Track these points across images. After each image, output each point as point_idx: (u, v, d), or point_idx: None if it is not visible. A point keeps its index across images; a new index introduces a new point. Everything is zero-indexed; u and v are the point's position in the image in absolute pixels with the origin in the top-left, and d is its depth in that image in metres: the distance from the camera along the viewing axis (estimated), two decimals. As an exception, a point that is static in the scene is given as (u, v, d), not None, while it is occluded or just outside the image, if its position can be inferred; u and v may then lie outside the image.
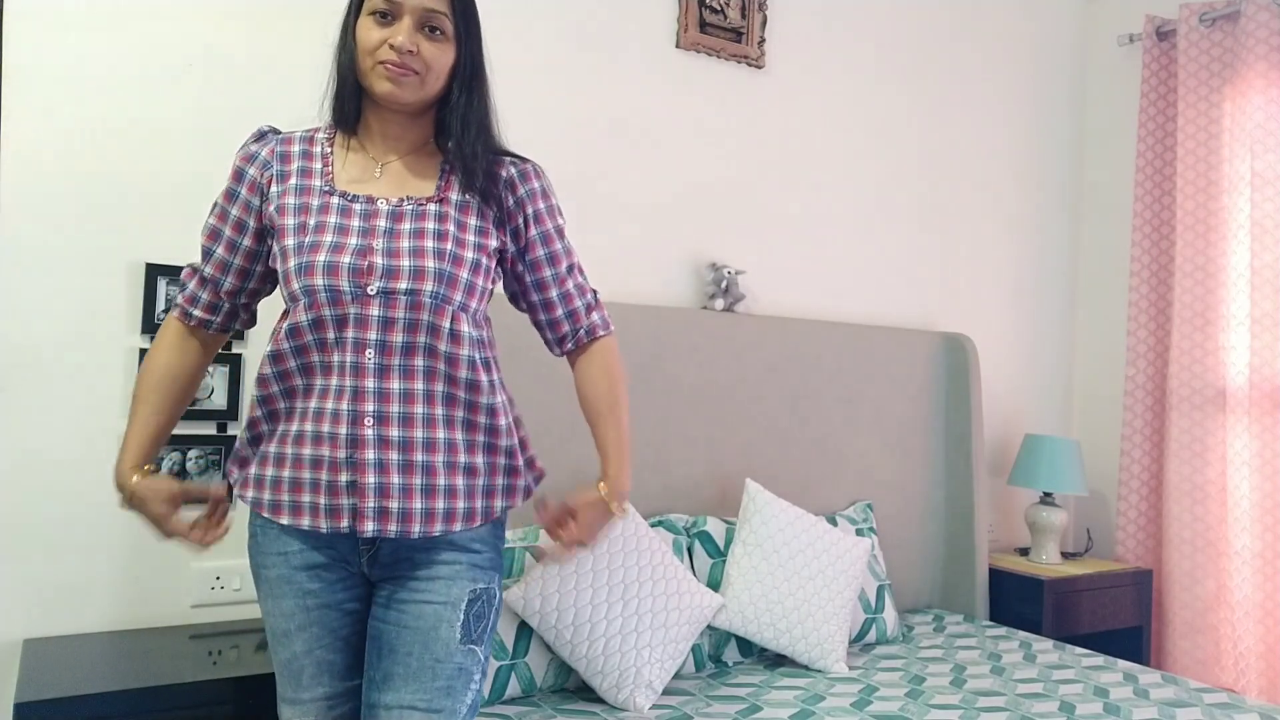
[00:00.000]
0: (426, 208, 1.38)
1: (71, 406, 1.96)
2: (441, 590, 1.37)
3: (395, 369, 1.33)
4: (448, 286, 1.35)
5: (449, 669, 1.36)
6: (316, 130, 1.45)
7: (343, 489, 1.32)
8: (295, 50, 2.18)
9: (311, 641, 1.39)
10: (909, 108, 3.16)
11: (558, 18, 2.52)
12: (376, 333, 1.32)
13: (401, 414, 1.33)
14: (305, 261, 1.33)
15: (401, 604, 1.37)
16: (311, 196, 1.38)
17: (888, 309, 3.13)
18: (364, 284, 1.32)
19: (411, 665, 1.35)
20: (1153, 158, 3.31)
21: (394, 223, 1.36)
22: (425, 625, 1.36)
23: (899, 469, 2.94)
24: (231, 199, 1.44)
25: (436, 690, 1.35)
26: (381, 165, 1.42)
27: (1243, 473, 3.02)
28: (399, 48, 1.32)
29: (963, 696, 2.14)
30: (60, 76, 1.95)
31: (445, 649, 1.36)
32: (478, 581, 1.40)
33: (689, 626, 2.14)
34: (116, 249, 2.01)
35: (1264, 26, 3.00)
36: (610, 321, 1.56)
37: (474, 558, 1.40)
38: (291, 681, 1.40)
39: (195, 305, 1.48)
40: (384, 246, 1.34)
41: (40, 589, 1.94)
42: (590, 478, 2.37)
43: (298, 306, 1.34)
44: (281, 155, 1.42)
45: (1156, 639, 3.18)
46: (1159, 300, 3.30)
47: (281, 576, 1.39)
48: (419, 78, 1.35)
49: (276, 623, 1.40)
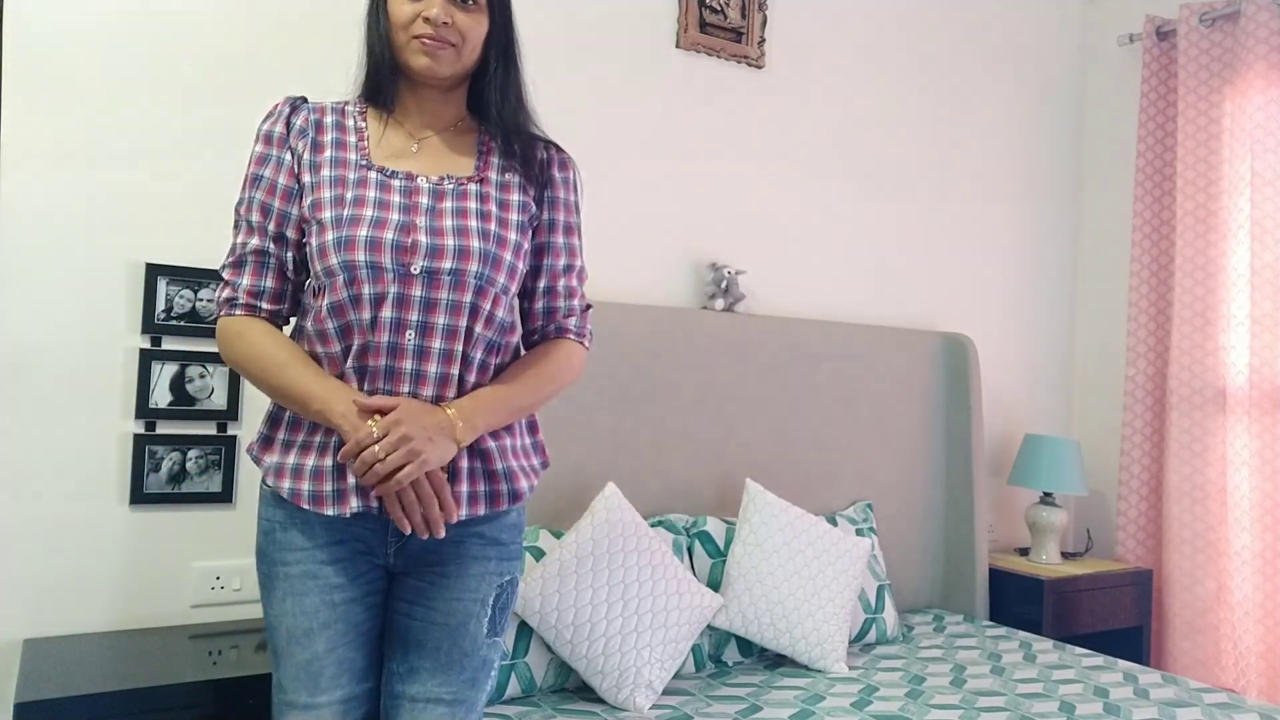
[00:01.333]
0: (467, 187, 1.35)
1: (71, 406, 1.96)
2: (472, 587, 1.36)
3: (435, 352, 1.30)
4: (492, 268, 1.32)
5: (475, 662, 1.37)
6: (346, 103, 1.41)
7: None
8: (296, 50, 2.18)
9: (335, 639, 1.34)
10: (909, 107, 3.16)
11: (558, 18, 2.51)
12: (418, 314, 1.28)
13: (436, 398, 1.31)
14: (345, 236, 1.28)
15: (430, 601, 1.36)
16: (348, 170, 1.33)
17: (888, 309, 3.13)
18: (407, 263, 1.28)
19: (440, 660, 1.35)
20: (1153, 158, 3.31)
21: (436, 201, 1.32)
22: (455, 622, 1.35)
23: (899, 469, 2.94)
24: (272, 165, 1.35)
25: (462, 683, 1.36)
26: (418, 141, 1.38)
27: (1243, 473, 3.02)
28: (434, 20, 1.29)
29: (963, 696, 2.14)
30: (60, 76, 1.95)
31: (473, 643, 1.36)
32: (504, 574, 1.40)
33: (689, 626, 2.14)
34: (116, 249, 2.01)
35: (1264, 26, 3.00)
36: (588, 335, 1.50)
37: (503, 550, 1.39)
38: (308, 685, 1.33)
39: (261, 297, 1.35)
40: (427, 225, 1.30)
41: (40, 589, 1.94)
42: (590, 478, 2.38)
43: (335, 282, 1.28)
44: (316, 124, 1.37)
45: (1156, 639, 3.17)
46: (1159, 300, 3.30)
47: (306, 572, 1.33)
48: (455, 50, 1.32)
49: (297, 621, 1.33)
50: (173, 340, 2.06)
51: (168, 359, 2.04)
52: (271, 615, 1.35)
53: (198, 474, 2.07)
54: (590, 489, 2.37)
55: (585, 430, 2.38)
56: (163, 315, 2.03)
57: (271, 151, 1.36)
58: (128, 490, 2.01)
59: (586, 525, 2.11)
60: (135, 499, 2.01)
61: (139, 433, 2.02)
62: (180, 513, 2.07)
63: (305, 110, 1.38)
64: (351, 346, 1.29)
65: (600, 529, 2.11)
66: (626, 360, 2.44)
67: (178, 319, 2.05)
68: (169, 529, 2.06)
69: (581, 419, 2.37)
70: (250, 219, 1.35)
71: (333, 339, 1.30)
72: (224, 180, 2.10)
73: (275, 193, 1.35)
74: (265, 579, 1.37)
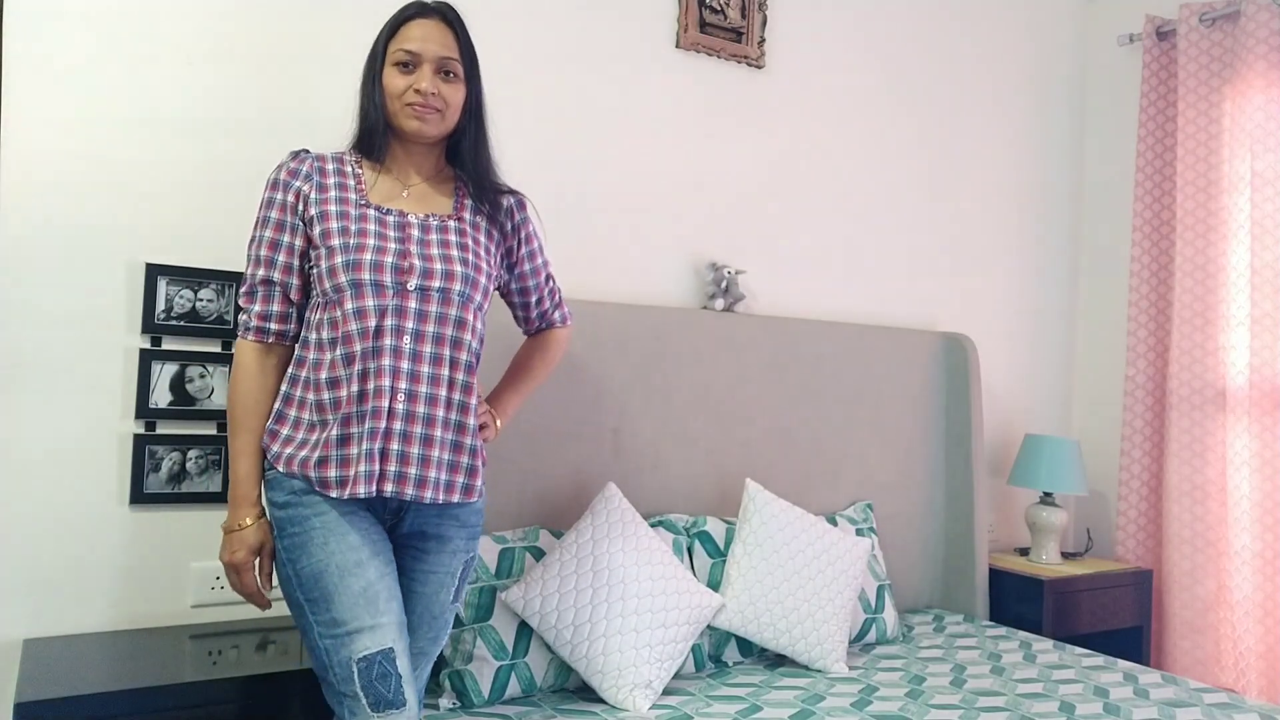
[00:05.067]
0: (448, 223, 1.64)
1: (72, 406, 1.96)
2: (445, 563, 1.64)
3: (426, 355, 1.55)
4: (470, 286, 1.61)
5: (440, 623, 1.66)
6: (344, 153, 1.66)
7: (377, 455, 1.50)
8: (297, 50, 2.18)
9: (382, 567, 1.53)
10: (909, 107, 3.16)
11: (558, 18, 2.51)
12: (413, 322, 1.55)
13: (428, 394, 1.55)
14: (353, 259, 1.54)
15: (412, 572, 1.62)
16: (350, 206, 1.59)
17: (888, 309, 3.13)
18: (404, 280, 1.55)
19: (412, 621, 1.62)
20: (1153, 158, 3.31)
21: (424, 233, 1.60)
22: (429, 591, 1.63)
23: (899, 469, 2.94)
24: (281, 209, 1.60)
25: (429, 640, 1.65)
26: (407, 188, 1.65)
27: (1243, 473, 3.02)
28: (424, 91, 1.57)
29: (963, 696, 2.14)
30: (60, 76, 1.95)
31: (440, 607, 1.65)
32: (469, 552, 1.68)
33: (689, 626, 2.14)
34: (116, 249, 2.01)
35: (1264, 26, 3.00)
36: (569, 316, 1.92)
37: (470, 531, 1.67)
38: (369, 608, 1.48)
39: (269, 320, 1.61)
40: (419, 252, 1.58)
41: (40, 589, 1.94)
42: (590, 478, 2.38)
43: (343, 297, 1.54)
44: (319, 169, 1.62)
45: (1156, 639, 3.18)
46: (1159, 300, 3.30)
47: (341, 516, 1.53)
48: (440, 114, 1.60)
49: (346, 556, 1.50)
50: (173, 340, 2.06)
51: (168, 359, 2.04)
52: (315, 561, 1.51)
53: (198, 474, 2.07)
54: (590, 489, 2.37)
55: (585, 430, 2.38)
56: (163, 315, 2.03)
57: (278, 195, 1.60)
58: (128, 490, 2.01)
59: (586, 525, 2.11)
60: (135, 499, 2.01)
61: (139, 433, 2.02)
62: (180, 513, 2.07)
63: (309, 159, 1.64)
64: (354, 352, 1.53)
65: (600, 529, 2.11)
66: (626, 360, 2.44)
67: (178, 319, 2.05)
68: (169, 529, 2.06)
69: (581, 419, 2.37)
70: (259, 254, 1.60)
71: (339, 344, 1.54)
72: (225, 180, 2.10)
73: (282, 230, 1.60)
74: (298, 538, 1.53)
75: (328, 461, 1.52)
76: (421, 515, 1.61)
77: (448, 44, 1.60)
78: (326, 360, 1.54)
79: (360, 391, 1.52)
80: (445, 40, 1.59)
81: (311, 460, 1.53)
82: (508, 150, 2.23)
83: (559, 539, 2.15)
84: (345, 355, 1.53)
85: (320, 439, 1.53)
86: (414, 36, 1.58)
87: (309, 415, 1.55)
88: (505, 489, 2.26)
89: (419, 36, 1.58)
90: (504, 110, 2.44)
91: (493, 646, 1.98)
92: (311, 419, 1.55)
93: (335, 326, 1.54)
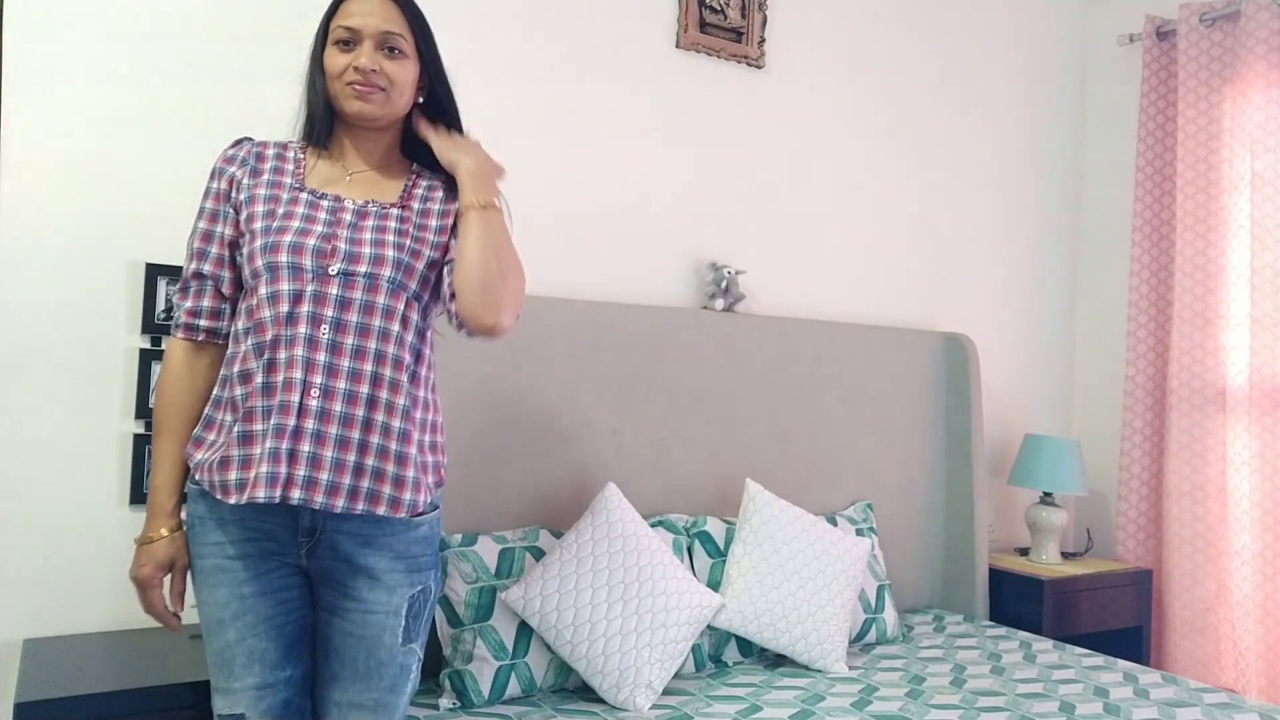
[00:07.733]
0: (389, 211, 1.49)
1: (72, 406, 1.96)
2: (383, 599, 1.44)
3: (347, 347, 1.40)
4: (405, 274, 1.45)
5: (392, 670, 1.46)
6: (290, 142, 1.56)
7: (283, 456, 1.36)
8: (296, 51, 2.17)
9: (244, 630, 1.42)
10: (909, 107, 3.16)
11: (558, 18, 2.51)
12: (333, 310, 1.40)
13: (346, 391, 1.39)
14: (271, 241, 1.42)
15: (346, 612, 1.45)
16: (281, 190, 1.48)
17: (888, 309, 3.13)
18: (325, 264, 1.41)
19: (359, 669, 1.45)
20: (1153, 158, 3.31)
21: (359, 219, 1.47)
22: (370, 634, 1.44)
23: (899, 469, 2.94)
24: (215, 198, 1.51)
25: (382, 689, 1.46)
26: (351, 174, 1.53)
27: (1243, 473, 3.02)
28: (362, 68, 1.44)
29: (963, 696, 2.14)
30: (60, 77, 1.95)
31: (389, 653, 1.45)
32: (415, 585, 1.47)
33: (689, 626, 2.14)
34: (116, 249, 2.01)
35: (1264, 26, 3.00)
36: None
37: (412, 563, 1.47)
38: (224, 671, 1.43)
39: (199, 316, 1.50)
40: (348, 236, 1.44)
41: (40, 589, 1.94)
42: (590, 478, 2.38)
43: (259, 283, 1.41)
44: (257, 155, 1.52)
45: (1156, 639, 3.18)
46: (1159, 300, 3.30)
47: (217, 566, 1.43)
48: (384, 94, 1.47)
49: (210, 612, 1.43)
50: (173, 340, 2.06)
51: (168, 359, 2.04)
52: (197, 604, 1.47)
53: (197, 474, 2.07)
54: (590, 489, 2.37)
55: (585, 430, 2.38)
56: (163, 315, 2.03)
57: (213, 184, 1.51)
58: (128, 490, 2.01)
59: (586, 525, 2.11)
60: (135, 499, 2.01)
61: (139, 433, 2.02)
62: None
63: (249, 145, 1.53)
64: (264, 341, 1.40)
65: (600, 529, 2.11)
66: (626, 360, 2.44)
67: (178, 319, 2.05)
68: (169, 529, 2.06)
69: (581, 419, 2.37)
70: (193, 246, 1.51)
71: (250, 333, 1.42)
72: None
73: (215, 220, 1.50)
74: (190, 572, 1.48)
75: (229, 463, 1.38)
76: (341, 537, 1.42)
77: (390, 17, 1.46)
78: (240, 352, 1.42)
79: (266, 384, 1.38)
80: (388, 14, 1.46)
81: (213, 462, 1.40)
82: (508, 150, 2.23)
83: (559, 539, 2.15)
84: (256, 345, 1.40)
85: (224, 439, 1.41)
86: (354, 12, 1.45)
87: (229, 417, 1.43)
88: (505, 489, 2.26)
89: (359, 12, 1.45)
90: (503, 110, 2.44)
91: (493, 646, 1.98)
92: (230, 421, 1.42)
93: (250, 315, 1.42)
